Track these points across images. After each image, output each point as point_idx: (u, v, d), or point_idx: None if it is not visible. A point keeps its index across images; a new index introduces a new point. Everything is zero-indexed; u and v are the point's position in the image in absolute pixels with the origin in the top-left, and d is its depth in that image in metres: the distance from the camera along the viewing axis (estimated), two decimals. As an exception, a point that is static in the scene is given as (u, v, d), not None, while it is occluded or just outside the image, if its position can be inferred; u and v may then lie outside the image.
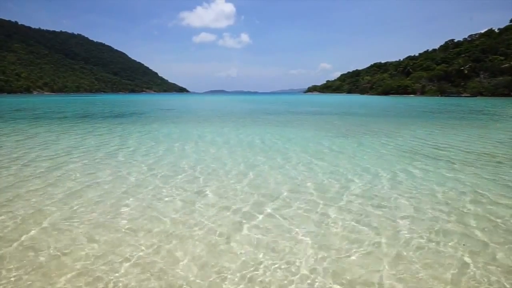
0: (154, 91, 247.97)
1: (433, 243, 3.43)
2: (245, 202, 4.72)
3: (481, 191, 5.18)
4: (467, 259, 3.11)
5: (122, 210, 4.37)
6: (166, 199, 4.84)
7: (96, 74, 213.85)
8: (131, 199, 4.80)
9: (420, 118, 20.26)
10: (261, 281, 2.76)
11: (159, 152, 8.52)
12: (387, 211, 4.37)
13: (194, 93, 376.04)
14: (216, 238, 3.58)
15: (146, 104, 42.24)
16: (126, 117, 21.10)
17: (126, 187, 5.38)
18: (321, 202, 4.72)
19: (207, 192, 5.18)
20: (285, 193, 5.13)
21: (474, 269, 2.94)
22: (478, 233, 3.69)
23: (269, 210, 4.39)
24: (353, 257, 3.16)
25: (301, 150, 8.89)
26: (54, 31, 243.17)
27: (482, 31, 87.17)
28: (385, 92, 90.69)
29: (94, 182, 5.67)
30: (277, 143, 10.26)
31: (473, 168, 6.78)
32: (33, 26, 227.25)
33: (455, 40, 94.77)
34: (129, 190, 5.26)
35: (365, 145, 9.80)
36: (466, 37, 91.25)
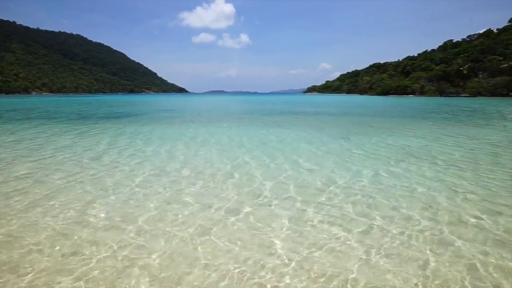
0: (153, 91, 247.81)
1: (403, 241, 3.44)
2: (224, 201, 4.73)
3: (458, 190, 5.13)
4: (431, 258, 3.11)
5: (94, 209, 4.30)
6: (143, 198, 4.76)
7: (95, 74, 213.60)
8: (104, 199, 4.70)
9: (414, 118, 20.08)
10: (228, 276, 2.83)
11: (147, 153, 8.37)
12: (362, 209, 4.40)
13: (193, 93, 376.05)
14: (192, 233, 3.65)
15: (143, 105, 42.07)
16: (119, 118, 20.95)
17: (101, 187, 5.27)
18: (299, 199, 4.79)
19: (186, 192, 5.14)
20: (264, 193, 5.12)
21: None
22: (445, 229, 3.74)
23: (245, 210, 4.39)
24: (324, 253, 3.22)
25: (290, 150, 8.79)
26: (53, 31, 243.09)
27: (481, 32, 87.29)
28: (384, 93, 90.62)
29: (73, 182, 5.52)
30: (267, 143, 10.18)
31: (454, 168, 6.67)
32: (31, 26, 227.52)
33: (454, 41, 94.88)
34: (105, 190, 5.14)
35: (353, 145, 9.73)
36: (465, 37, 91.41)
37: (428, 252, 3.22)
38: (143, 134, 11.89)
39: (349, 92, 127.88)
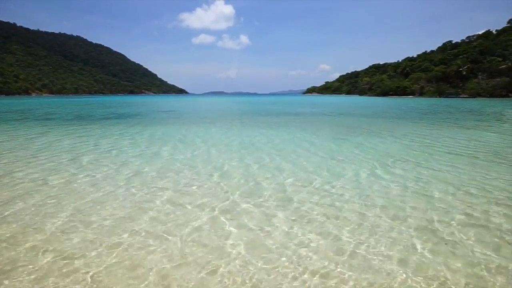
0: (153, 92, 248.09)
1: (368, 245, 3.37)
2: (199, 200, 4.80)
3: (432, 193, 5.06)
4: (396, 267, 2.98)
5: (65, 208, 4.16)
6: (121, 197, 4.71)
7: (95, 75, 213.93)
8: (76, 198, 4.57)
9: (407, 119, 20.00)
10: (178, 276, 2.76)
11: (132, 154, 8.31)
12: (334, 210, 4.42)
13: (193, 94, 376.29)
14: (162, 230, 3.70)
15: (141, 106, 42.06)
16: (114, 119, 20.85)
17: (76, 186, 5.12)
18: (274, 202, 4.73)
19: (162, 191, 5.17)
20: (241, 191, 5.18)
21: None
22: (411, 231, 3.59)
23: (217, 209, 4.42)
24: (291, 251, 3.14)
25: (276, 152, 8.75)
26: (53, 33, 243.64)
27: (480, 33, 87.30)
28: (384, 93, 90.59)
29: (42, 183, 5.41)
30: (256, 144, 10.18)
31: (432, 170, 6.61)
32: (31, 28, 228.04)
33: (453, 42, 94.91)
34: (81, 189, 5.06)
35: (341, 146, 9.72)
36: (464, 38, 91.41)
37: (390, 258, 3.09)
38: (139, 134, 11.77)
39: (348, 93, 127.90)
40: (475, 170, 6.61)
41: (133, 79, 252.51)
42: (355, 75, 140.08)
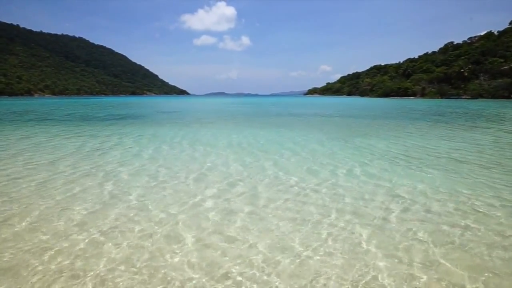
0: (155, 93, 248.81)
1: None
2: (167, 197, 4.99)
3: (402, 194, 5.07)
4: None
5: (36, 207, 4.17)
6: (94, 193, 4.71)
7: (97, 76, 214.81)
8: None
9: (400, 119, 19.92)
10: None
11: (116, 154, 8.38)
12: (304, 210, 4.50)
13: (194, 95, 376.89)
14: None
15: (140, 107, 42.14)
16: (109, 119, 20.87)
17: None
18: (244, 201, 4.82)
19: (134, 189, 5.29)
20: (214, 189, 5.39)
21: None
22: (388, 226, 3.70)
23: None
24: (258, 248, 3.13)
25: (264, 152, 8.91)
26: (55, 34, 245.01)
27: (482, 34, 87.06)
28: (385, 94, 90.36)
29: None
30: (243, 144, 10.36)
31: (411, 170, 6.62)
32: (34, 29, 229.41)
33: (455, 43, 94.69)
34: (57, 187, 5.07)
35: (327, 146, 9.82)
36: (466, 39, 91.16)
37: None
38: (132, 134, 11.82)
39: (349, 94, 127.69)
40: None
41: (135, 80, 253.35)
42: (356, 76, 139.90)
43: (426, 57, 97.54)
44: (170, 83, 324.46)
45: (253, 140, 11.30)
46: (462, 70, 75.79)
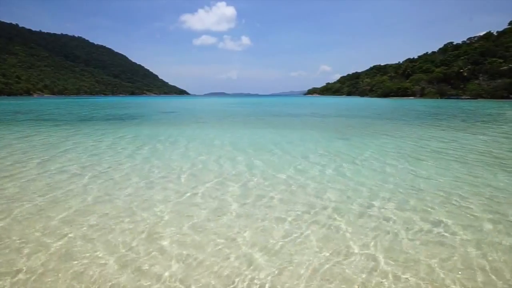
0: (155, 93, 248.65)
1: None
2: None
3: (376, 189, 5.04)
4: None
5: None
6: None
7: (96, 76, 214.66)
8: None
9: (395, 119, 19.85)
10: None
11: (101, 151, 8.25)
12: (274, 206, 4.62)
13: (194, 95, 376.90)
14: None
15: (140, 106, 42.05)
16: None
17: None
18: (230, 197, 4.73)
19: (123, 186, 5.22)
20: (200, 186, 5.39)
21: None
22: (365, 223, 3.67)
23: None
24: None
25: (254, 151, 8.96)
26: (54, 34, 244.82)
27: (481, 34, 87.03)
28: (385, 95, 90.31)
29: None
30: (234, 141, 10.52)
31: (374, 172, 6.49)
32: (34, 29, 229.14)
33: (454, 43, 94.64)
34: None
35: (312, 144, 9.95)
36: (465, 39, 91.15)
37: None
38: (128, 135, 11.75)
39: (349, 94, 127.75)
40: None
41: (135, 80, 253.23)
42: (356, 76, 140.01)
43: (425, 58, 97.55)
44: (170, 83, 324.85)
45: (247, 139, 11.27)
46: (461, 70, 75.79)
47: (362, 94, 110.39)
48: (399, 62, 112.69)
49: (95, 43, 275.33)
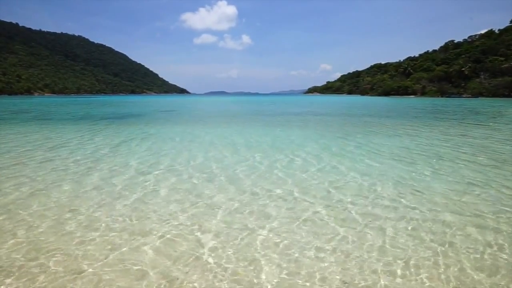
0: (155, 92, 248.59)
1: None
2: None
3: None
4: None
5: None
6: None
7: (96, 75, 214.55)
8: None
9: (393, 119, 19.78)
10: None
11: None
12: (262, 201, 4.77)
13: (194, 94, 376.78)
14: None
15: (139, 106, 42.07)
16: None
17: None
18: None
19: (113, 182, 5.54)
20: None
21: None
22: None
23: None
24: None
25: (246, 146, 9.34)
26: (55, 33, 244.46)
27: (482, 32, 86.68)
28: (386, 93, 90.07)
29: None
30: (226, 140, 10.76)
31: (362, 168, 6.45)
32: (34, 28, 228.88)
33: (455, 41, 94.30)
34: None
35: (303, 141, 10.19)
36: (466, 38, 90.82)
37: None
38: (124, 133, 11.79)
39: (350, 92, 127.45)
40: None
41: (135, 79, 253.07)
42: (356, 75, 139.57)
43: (426, 56, 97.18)
44: (170, 82, 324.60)
45: (243, 138, 11.35)
46: (462, 68, 75.47)
47: (363, 92, 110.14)
48: (400, 60, 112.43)
49: (95, 42, 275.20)
